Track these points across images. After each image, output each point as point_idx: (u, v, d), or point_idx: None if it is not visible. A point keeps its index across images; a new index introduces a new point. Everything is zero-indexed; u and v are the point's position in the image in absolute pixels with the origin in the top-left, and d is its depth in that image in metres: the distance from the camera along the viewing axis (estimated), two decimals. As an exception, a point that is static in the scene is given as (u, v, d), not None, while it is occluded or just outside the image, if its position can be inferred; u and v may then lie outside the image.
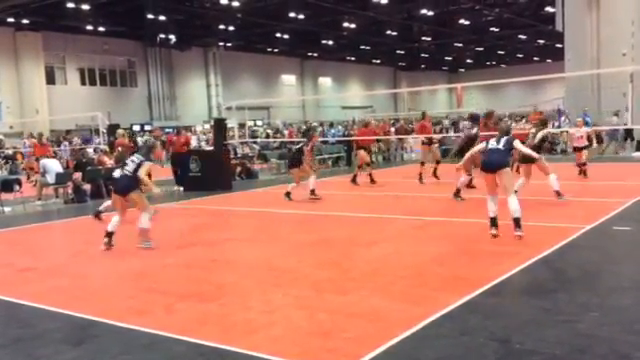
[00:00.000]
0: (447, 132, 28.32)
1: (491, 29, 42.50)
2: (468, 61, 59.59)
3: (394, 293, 5.66)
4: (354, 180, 14.98)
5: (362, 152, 15.35)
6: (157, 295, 5.99)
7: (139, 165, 8.54)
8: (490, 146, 7.91)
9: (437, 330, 4.61)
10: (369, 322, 4.87)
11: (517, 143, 7.95)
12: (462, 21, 39.06)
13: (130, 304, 5.75)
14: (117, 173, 8.75)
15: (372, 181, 14.78)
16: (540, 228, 8.44)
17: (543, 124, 11.41)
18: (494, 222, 7.77)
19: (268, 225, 10.23)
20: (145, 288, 6.34)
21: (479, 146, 8.52)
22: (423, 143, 14.98)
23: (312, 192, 12.37)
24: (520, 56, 56.25)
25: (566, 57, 24.02)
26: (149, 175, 9.14)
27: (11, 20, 32.24)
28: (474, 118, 12.83)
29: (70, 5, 30.04)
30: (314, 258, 7.32)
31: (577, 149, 14.16)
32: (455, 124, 37.07)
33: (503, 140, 7.84)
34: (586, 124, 17.01)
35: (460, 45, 50.10)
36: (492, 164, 7.69)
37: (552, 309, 4.95)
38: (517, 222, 7.54)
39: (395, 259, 7.09)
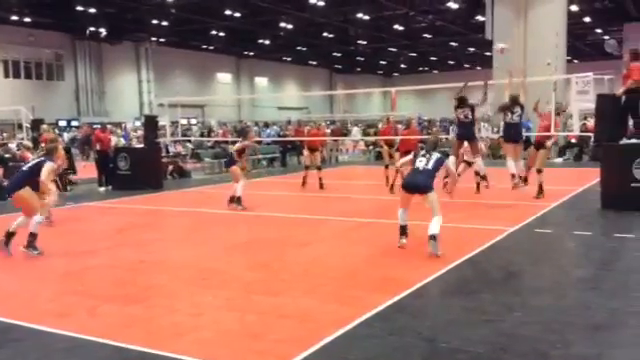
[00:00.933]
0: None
1: (424, 35, 43.47)
2: (402, 66, 60.72)
3: (325, 294, 5.69)
4: (321, 185, 14.24)
5: (305, 153, 15.09)
6: (80, 297, 5.77)
7: (39, 164, 7.70)
8: (418, 164, 7.32)
9: (366, 330, 4.65)
10: (299, 323, 4.87)
11: (448, 163, 7.58)
12: (396, 26, 39.74)
13: (51, 307, 5.51)
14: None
15: (303, 183, 14.42)
16: (466, 230, 8.72)
17: None
18: (404, 231, 7.49)
19: (199, 225, 10.06)
20: (68, 290, 6.09)
21: (407, 158, 7.96)
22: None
23: (236, 200, 11.17)
24: (451, 63, 57.82)
25: (494, 65, 24.88)
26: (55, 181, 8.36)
27: None
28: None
29: (-7, -7, 28.60)
30: (245, 259, 7.26)
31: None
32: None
33: (434, 159, 7.31)
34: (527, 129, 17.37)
35: (394, 50, 50.99)
36: (416, 187, 7.23)
37: (476, 309, 5.10)
38: (433, 238, 6.96)
39: (327, 260, 7.13)
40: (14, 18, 33.51)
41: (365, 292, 5.66)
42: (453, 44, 47.62)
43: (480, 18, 32.10)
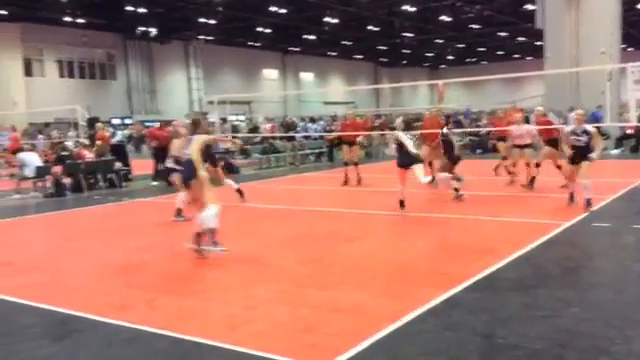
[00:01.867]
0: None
1: (471, 26, 42.75)
2: (449, 57, 59.90)
3: (376, 288, 5.68)
4: (359, 180, 13.97)
5: (344, 147, 14.87)
6: (138, 290, 5.94)
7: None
8: (408, 146, 9.37)
9: (420, 325, 4.62)
10: (351, 317, 4.88)
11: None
12: (443, 18, 39.21)
13: (111, 299, 5.69)
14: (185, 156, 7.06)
15: (345, 181, 13.98)
16: (520, 224, 8.55)
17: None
18: (404, 203, 9.55)
19: (249, 220, 10.18)
20: (126, 283, 6.27)
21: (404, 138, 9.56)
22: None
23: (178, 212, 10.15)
24: (500, 53, 56.65)
25: (545, 55, 24.26)
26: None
27: (-12, 11, 31.65)
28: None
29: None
30: (296, 253, 7.31)
31: (519, 147, 11.87)
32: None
33: (412, 139, 9.49)
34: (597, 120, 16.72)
35: (441, 41, 50.33)
36: (411, 164, 9.39)
37: (533, 305, 5.00)
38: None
39: (376, 254, 7.11)
40: (67, 19, 34.63)
41: (417, 286, 5.63)
42: (502, 34, 46.68)
43: (530, 7, 31.35)
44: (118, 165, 15.92)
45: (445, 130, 11.13)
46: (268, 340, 4.45)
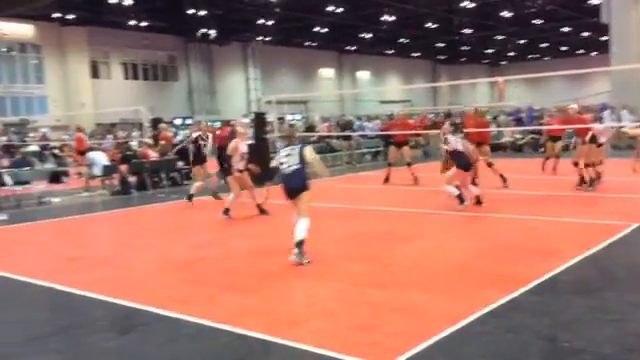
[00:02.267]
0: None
1: (533, 21, 41.61)
2: (510, 54, 58.52)
3: (435, 288, 5.63)
4: (415, 180, 13.66)
5: (391, 148, 14.61)
6: (200, 286, 6.09)
7: (301, 152, 7.00)
8: (457, 145, 9.71)
9: (480, 327, 4.56)
10: (410, 317, 4.86)
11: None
12: (504, 13, 38.36)
13: (174, 294, 5.85)
14: (286, 168, 6.96)
15: (385, 180, 13.91)
16: (585, 225, 8.28)
17: None
18: (480, 200, 9.86)
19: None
20: (188, 279, 6.44)
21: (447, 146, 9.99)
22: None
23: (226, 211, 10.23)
24: (564, 49, 54.92)
25: (612, 50, 23.35)
26: None
27: (57, 15, 33.05)
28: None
29: (113, 0, 30.70)
30: (353, 252, 7.33)
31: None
32: (495, 118, 36.43)
33: (462, 140, 9.80)
34: None
35: (502, 38, 49.22)
36: (470, 164, 9.84)
37: (600, 308, 4.85)
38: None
39: (435, 254, 7.05)
40: (131, 23, 35.79)
41: (477, 288, 5.54)
42: (565, 29, 45.25)
43: (594, 1, 30.28)
44: (180, 164, 16.33)
45: (446, 126, 11.06)
46: (328, 337, 4.48)
